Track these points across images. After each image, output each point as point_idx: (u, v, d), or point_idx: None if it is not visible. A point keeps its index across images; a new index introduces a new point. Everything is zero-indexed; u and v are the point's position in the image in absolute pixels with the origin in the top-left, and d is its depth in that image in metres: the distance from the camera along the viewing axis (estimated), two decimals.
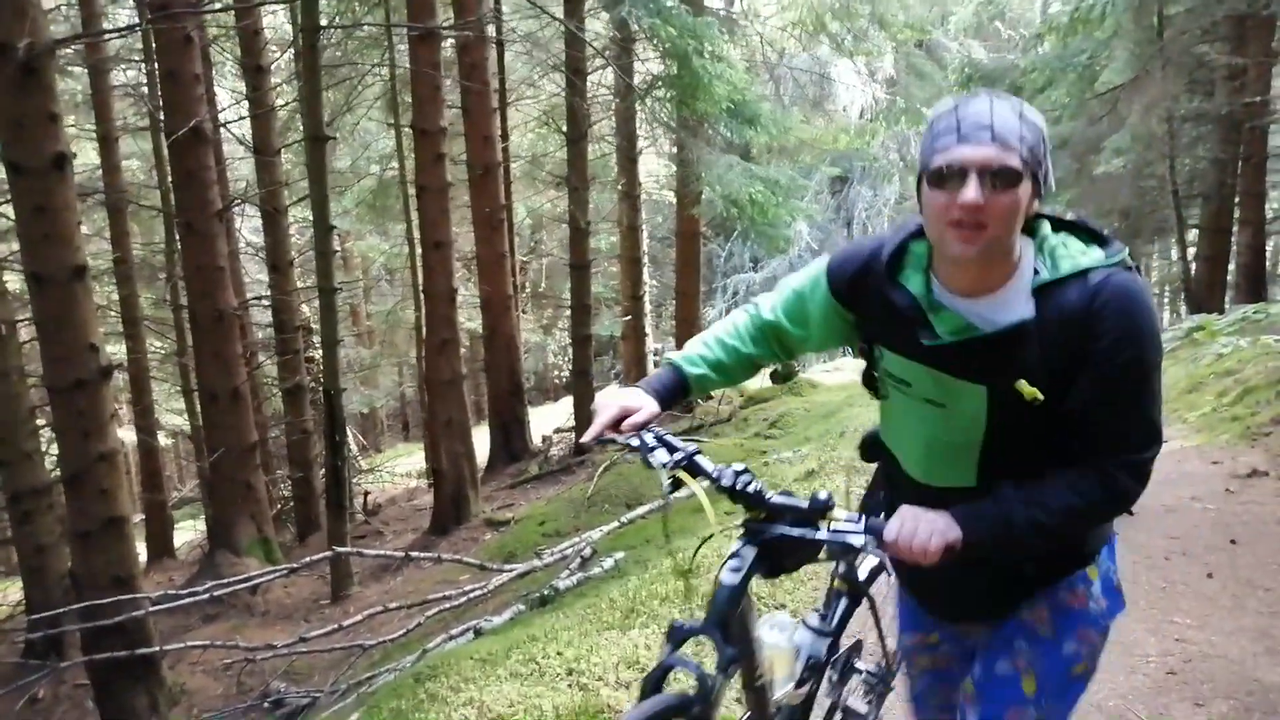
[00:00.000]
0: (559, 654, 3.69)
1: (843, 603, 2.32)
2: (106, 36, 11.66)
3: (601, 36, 13.91)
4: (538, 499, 11.00)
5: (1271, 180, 15.55)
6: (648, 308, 16.88)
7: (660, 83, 11.12)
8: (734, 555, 1.75)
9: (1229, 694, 3.36)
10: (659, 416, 1.85)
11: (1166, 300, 27.34)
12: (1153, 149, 14.31)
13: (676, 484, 1.78)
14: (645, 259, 16.64)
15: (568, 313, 16.09)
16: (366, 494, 14.19)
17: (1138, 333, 1.51)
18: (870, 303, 1.75)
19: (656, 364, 17.04)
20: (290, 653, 6.44)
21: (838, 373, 18.95)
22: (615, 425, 1.81)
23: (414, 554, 7.73)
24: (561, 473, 12.01)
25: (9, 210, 6.85)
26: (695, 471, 1.77)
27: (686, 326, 15.92)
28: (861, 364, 1.91)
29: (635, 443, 1.80)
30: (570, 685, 3.50)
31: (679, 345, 15.88)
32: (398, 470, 17.35)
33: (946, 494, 1.69)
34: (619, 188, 16.19)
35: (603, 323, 24.35)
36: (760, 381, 15.97)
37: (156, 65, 10.38)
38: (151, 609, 6.37)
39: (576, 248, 12.87)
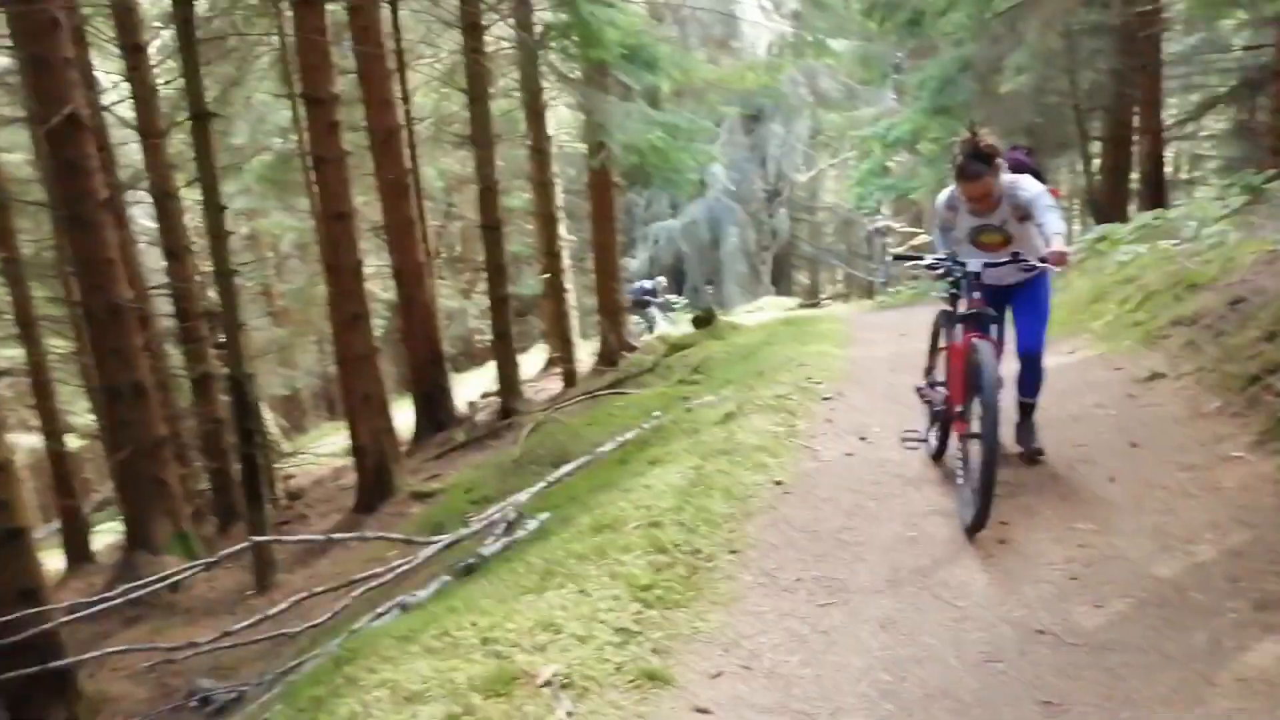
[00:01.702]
0: (473, 624, 3.60)
1: None
2: None
3: None
4: (465, 466, 10.88)
5: (1167, 88, 15.83)
6: (567, 263, 16.67)
7: (552, 32, 10.86)
8: None
9: (1126, 592, 3.44)
10: None
11: (1075, 212, 27.91)
12: (1053, 64, 14.44)
13: None
14: (560, 214, 16.39)
15: None
16: (288, 478, 13.89)
17: None
18: None
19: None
20: (214, 648, 6.27)
21: (759, 313, 19.08)
22: None
23: (336, 535, 7.57)
24: (489, 438, 11.90)
25: None
26: None
27: (606, 279, 15.80)
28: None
29: None
30: (485, 655, 3.41)
31: (600, 298, 15.77)
32: (322, 451, 17.02)
33: None
34: (527, 143, 15.89)
35: (526, 282, 24.09)
36: (684, 328, 15.97)
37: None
38: (67, 619, 6.15)
39: (486, 208, 12.63)
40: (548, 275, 16.10)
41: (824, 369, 7.79)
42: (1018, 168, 4.60)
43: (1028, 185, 4.40)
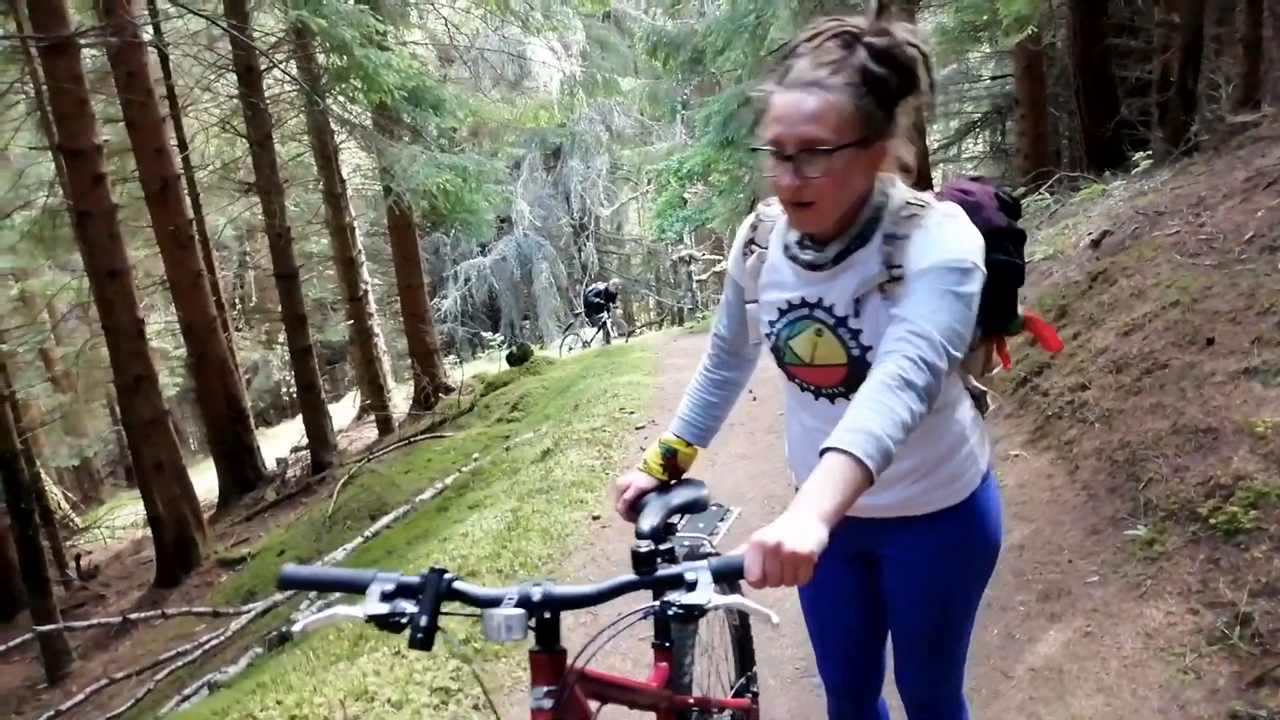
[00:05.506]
0: (279, 702, 3.41)
1: None
2: None
3: (274, 32, 13.09)
4: (277, 527, 10.35)
5: (930, 115, 17.10)
6: (373, 307, 16.22)
7: (325, 73, 10.55)
8: None
9: None
10: None
11: None
12: None
13: None
14: (362, 257, 15.94)
15: None
16: (79, 556, 12.78)
17: None
18: None
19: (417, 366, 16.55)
20: None
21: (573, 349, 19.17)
22: None
23: (133, 615, 7.01)
24: (301, 495, 11.37)
25: None
26: None
27: (415, 321, 15.50)
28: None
29: None
30: None
31: (411, 341, 15.47)
32: (119, 523, 15.77)
33: None
34: (320, 188, 15.39)
35: (336, 329, 23.30)
36: (499, 366, 15.87)
37: None
38: None
39: (279, 256, 12.13)
40: (353, 321, 15.62)
41: (636, 398, 7.92)
42: (971, 209, 1.72)
43: (948, 232, 1.57)
